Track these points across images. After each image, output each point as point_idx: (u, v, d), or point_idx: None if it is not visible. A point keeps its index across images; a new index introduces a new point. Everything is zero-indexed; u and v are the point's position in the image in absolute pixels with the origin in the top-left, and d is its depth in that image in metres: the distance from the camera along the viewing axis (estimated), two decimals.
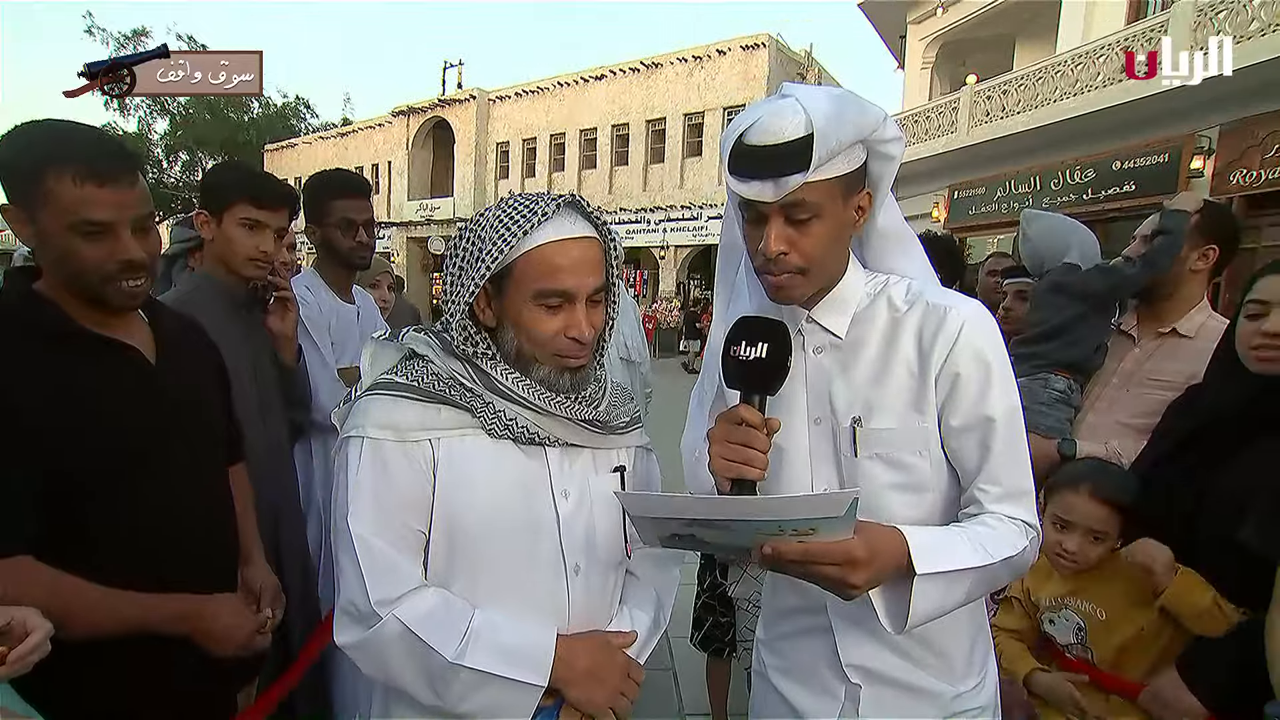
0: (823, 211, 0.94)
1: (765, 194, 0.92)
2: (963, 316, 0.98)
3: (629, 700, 1.02)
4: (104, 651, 1.07)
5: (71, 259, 1.06)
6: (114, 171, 1.05)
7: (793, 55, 20.04)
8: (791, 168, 0.89)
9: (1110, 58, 9.64)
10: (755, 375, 0.93)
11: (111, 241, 1.07)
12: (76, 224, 1.04)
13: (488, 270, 0.95)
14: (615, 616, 1.10)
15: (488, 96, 25.02)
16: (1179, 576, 1.30)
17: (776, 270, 0.97)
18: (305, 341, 1.92)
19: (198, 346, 1.36)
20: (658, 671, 2.86)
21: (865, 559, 0.82)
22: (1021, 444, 0.99)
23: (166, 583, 1.13)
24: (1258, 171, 8.37)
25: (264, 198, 1.67)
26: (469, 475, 0.98)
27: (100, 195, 1.04)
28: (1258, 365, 1.33)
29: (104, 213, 1.05)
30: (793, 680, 1.14)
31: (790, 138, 0.89)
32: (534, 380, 1.00)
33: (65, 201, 1.03)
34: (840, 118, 0.90)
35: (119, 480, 1.10)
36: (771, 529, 0.81)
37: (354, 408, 1.02)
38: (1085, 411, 1.95)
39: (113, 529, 1.09)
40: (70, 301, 1.10)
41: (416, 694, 0.94)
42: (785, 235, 0.94)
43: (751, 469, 0.89)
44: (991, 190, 12.26)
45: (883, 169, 1.00)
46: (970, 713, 1.08)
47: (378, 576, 0.93)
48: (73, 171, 1.02)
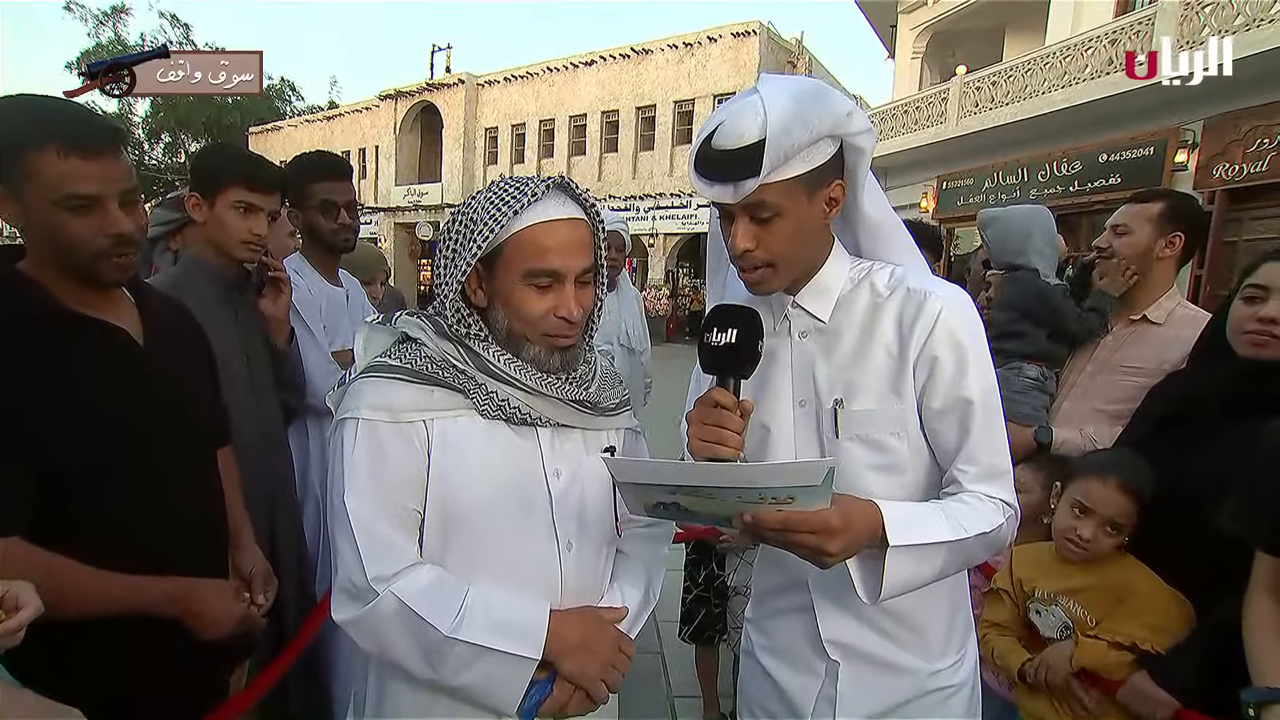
0: (784, 210, 0.96)
1: (725, 196, 0.96)
2: (941, 301, 1.01)
3: (620, 673, 1.05)
4: (96, 632, 1.07)
5: (60, 235, 1.05)
6: (98, 144, 1.04)
7: (783, 43, 19.97)
8: (745, 172, 0.92)
9: (1098, 51, 9.70)
10: (727, 359, 0.96)
11: (100, 215, 1.06)
12: (63, 199, 1.02)
13: (479, 249, 0.97)
14: (606, 593, 1.13)
15: (476, 81, 24.78)
16: (1081, 647, 1.39)
17: (747, 265, 1.01)
18: (298, 324, 1.91)
19: (184, 329, 1.35)
20: (646, 655, 2.89)
21: (840, 528, 0.85)
22: (999, 425, 1.03)
23: (153, 566, 1.13)
24: (1240, 165, 8.49)
25: (258, 181, 1.65)
26: (462, 455, 1.00)
27: (86, 168, 1.03)
28: (1248, 350, 1.35)
29: (91, 186, 1.04)
30: (778, 658, 1.18)
31: (746, 143, 0.92)
32: (525, 360, 1.02)
33: (50, 176, 1.01)
34: (801, 117, 0.92)
35: (105, 462, 1.09)
36: (752, 496, 0.84)
37: (348, 390, 1.03)
38: (1061, 398, 2.00)
39: (99, 512, 1.09)
40: (56, 281, 1.09)
41: (412, 668, 0.96)
42: (751, 233, 0.98)
43: (725, 449, 0.91)
44: (980, 181, 12.33)
45: (856, 160, 1.02)
46: (947, 690, 1.11)
47: (375, 554, 0.95)
48: (56, 145, 1.01)
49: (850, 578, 0.94)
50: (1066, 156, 10.75)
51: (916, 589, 0.95)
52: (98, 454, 1.08)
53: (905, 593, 0.94)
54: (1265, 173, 8.26)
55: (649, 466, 0.90)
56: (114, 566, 1.08)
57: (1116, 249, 1.90)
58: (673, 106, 20.68)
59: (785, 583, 1.15)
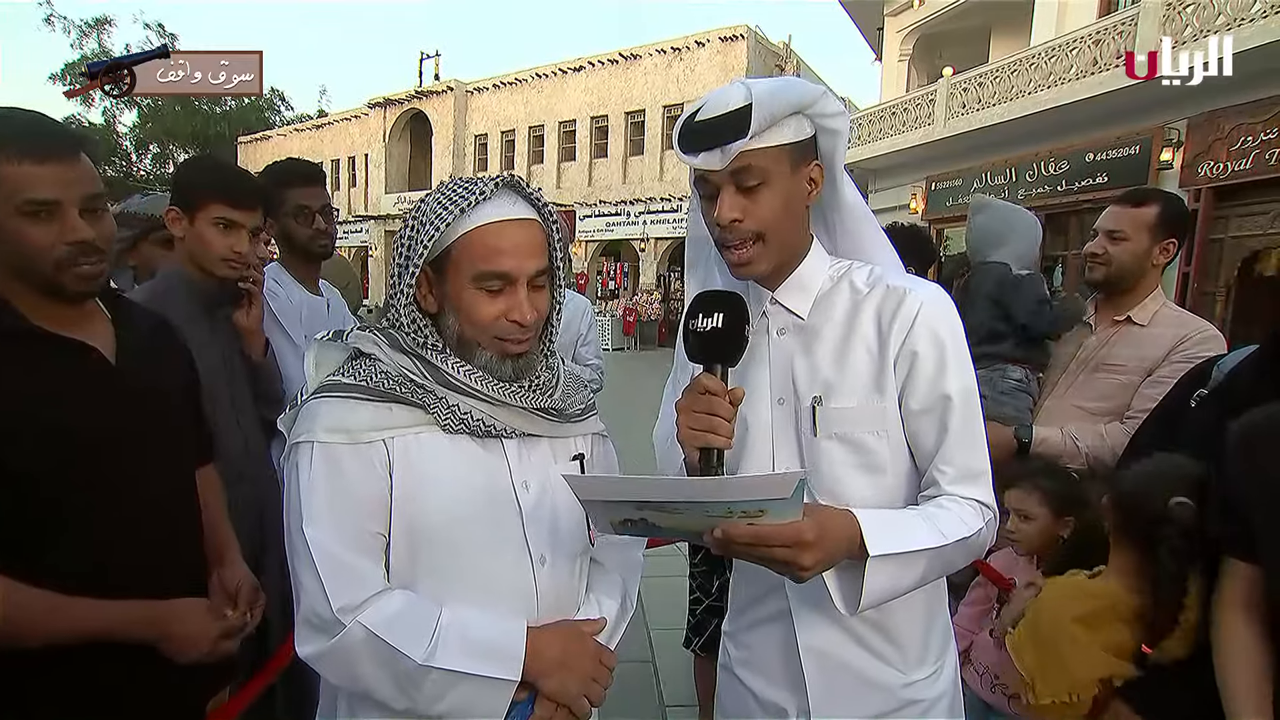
0: (770, 178, 0.97)
1: (712, 163, 0.96)
2: (920, 298, 1.01)
3: (602, 686, 1.02)
4: (60, 661, 1.03)
5: (21, 244, 1.02)
6: (52, 147, 1.02)
7: (771, 46, 20.04)
8: (734, 134, 0.94)
9: (1082, 51, 9.77)
10: (713, 345, 0.94)
11: (59, 222, 1.03)
12: (20, 205, 1.00)
13: (425, 250, 0.94)
14: (583, 604, 1.10)
15: (465, 88, 24.76)
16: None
17: (734, 240, 0.99)
18: (280, 335, 1.89)
19: (164, 345, 1.32)
20: (638, 665, 2.85)
21: (814, 540, 0.83)
22: (978, 425, 1.02)
23: (123, 589, 1.09)
24: (1224, 163, 8.55)
25: (239, 198, 1.62)
26: (427, 473, 0.96)
27: (40, 172, 1.00)
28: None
29: (47, 190, 1.01)
30: (753, 670, 1.15)
31: (732, 109, 0.95)
32: (477, 367, 0.98)
33: (4, 183, 0.99)
34: (780, 90, 0.96)
35: (73, 484, 1.06)
36: (720, 511, 0.81)
37: (301, 412, 0.98)
38: (1044, 396, 2.02)
39: (65, 535, 1.05)
40: (24, 298, 1.06)
41: (386, 699, 0.91)
42: (737, 203, 0.98)
43: (717, 436, 0.90)
44: (968, 182, 12.38)
45: (832, 144, 1.03)
46: (922, 703, 1.08)
47: (339, 583, 0.90)
48: (8, 151, 0.99)
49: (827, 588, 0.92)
50: (1054, 156, 10.80)
51: (895, 598, 0.94)
52: (63, 476, 1.05)
53: (884, 602, 0.93)
54: (1250, 170, 8.31)
55: (612, 483, 0.87)
56: (81, 592, 1.04)
57: (1114, 255, 1.89)
58: (662, 111, 20.70)
59: (763, 590, 1.13)
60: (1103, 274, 1.91)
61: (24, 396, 1.03)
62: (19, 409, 1.02)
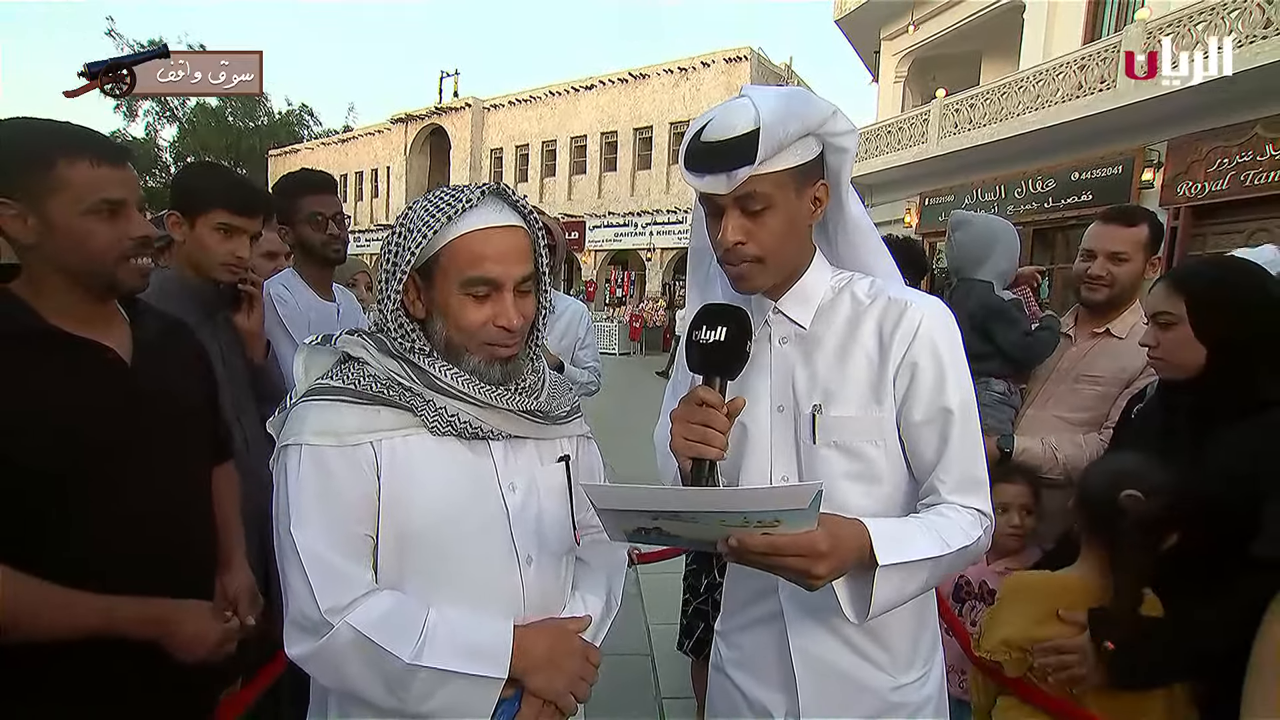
0: (774, 202, 0.93)
1: (718, 187, 0.92)
2: (922, 311, 0.98)
3: (587, 683, 1.00)
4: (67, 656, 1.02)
5: (88, 242, 1.05)
6: (120, 153, 1.09)
7: (773, 68, 20.07)
8: (740, 160, 0.89)
9: (1068, 75, 9.77)
10: (715, 358, 0.92)
11: (125, 220, 1.08)
12: (96, 204, 1.04)
13: (412, 257, 0.92)
14: (568, 602, 1.07)
15: (483, 105, 24.88)
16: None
17: (735, 260, 0.97)
18: (285, 340, 1.86)
19: (180, 347, 1.30)
20: (636, 658, 2.79)
21: (828, 550, 0.80)
22: (976, 435, 0.99)
23: (130, 588, 1.07)
24: (1202, 184, 8.53)
25: (241, 206, 1.59)
26: (414, 475, 0.93)
27: (115, 174, 1.06)
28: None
29: (120, 190, 1.06)
30: (744, 671, 1.12)
31: (739, 133, 0.89)
32: (465, 371, 0.96)
33: (82, 184, 1.02)
34: (788, 112, 0.91)
35: (82, 482, 1.04)
36: (736, 520, 0.79)
37: (290, 415, 0.95)
38: (1026, 406, 1.98)
39: (72, 533, 1.04)
40: (48, 301, 1.06)
41: (375, 699, 0.89)
42: (741, 226, 0.94)
43: (709, 448, 0.87)
44: (960, 198, 12.34)
45: (840, 161, 0.99)
46: (910, 706, 1.05)
47: (326, 585, 0.87)
48: (89, 155, 1.03)
49: (829, 592, 0.89)
50: (1041, 174, 10.78)
51: (900, 606, 0.91)
52: (74, 475, 1.04)
53: (890, 609, 0.90)
54: (1225, 190, 8.29)
55: (632, 493, 0.84)
56: (90, 588, 1.03)
57: (1117, 277, 1.83)
58: (669, 128, 20.76)
59: (756, 592, 1.10)
60: (1105, 295, 1.86)
61: (37, 395, 1.03)
62: (32, 407, 1.01)
